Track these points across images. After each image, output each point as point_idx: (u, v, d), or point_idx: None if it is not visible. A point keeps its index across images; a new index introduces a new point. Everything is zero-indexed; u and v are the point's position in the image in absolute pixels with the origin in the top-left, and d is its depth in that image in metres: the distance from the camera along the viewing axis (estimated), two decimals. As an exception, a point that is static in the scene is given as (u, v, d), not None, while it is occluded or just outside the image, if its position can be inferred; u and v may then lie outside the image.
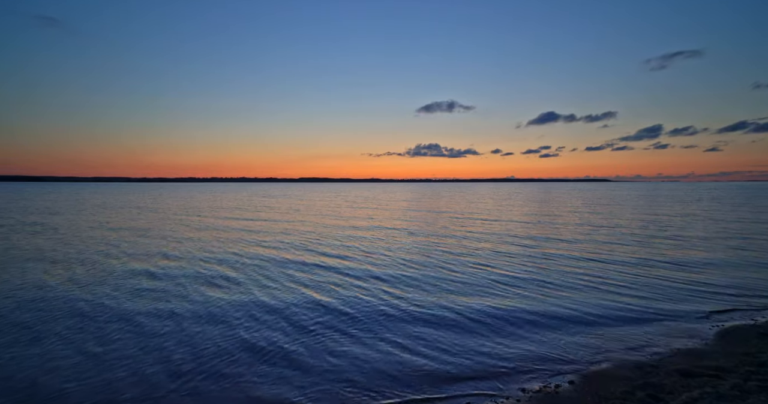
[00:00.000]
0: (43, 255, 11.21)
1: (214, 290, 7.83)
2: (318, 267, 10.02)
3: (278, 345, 5.31)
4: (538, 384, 4.34)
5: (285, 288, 8.05)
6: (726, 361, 4.75)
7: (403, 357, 4.99)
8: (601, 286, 8.15)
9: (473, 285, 8.31)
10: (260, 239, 14.57)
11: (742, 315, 6.52)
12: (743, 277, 8.88)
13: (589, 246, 13.11)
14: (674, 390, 4.06)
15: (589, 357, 5.00)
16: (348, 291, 7.86)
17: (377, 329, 5.89)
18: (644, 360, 4.89)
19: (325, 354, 5.06)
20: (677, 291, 7.80)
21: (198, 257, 11.11)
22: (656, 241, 13.99)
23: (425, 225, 19.50)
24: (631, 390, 4.14)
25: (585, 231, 16.93)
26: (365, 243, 13.65)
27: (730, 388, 4.01)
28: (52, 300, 7.04)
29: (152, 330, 5.75)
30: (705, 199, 44.30)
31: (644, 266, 10.04)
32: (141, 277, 8.80)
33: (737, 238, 14.60)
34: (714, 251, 12.07)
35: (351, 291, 7.86)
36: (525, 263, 10.46)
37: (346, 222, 21.15)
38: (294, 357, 4.97)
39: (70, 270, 9.33)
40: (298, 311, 6.64)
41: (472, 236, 15.54)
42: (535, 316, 6.40)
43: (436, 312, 6.57)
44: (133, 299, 7.19)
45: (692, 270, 9.52)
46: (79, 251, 11.84)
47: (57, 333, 5.62)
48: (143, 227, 17.96)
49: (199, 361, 4.81)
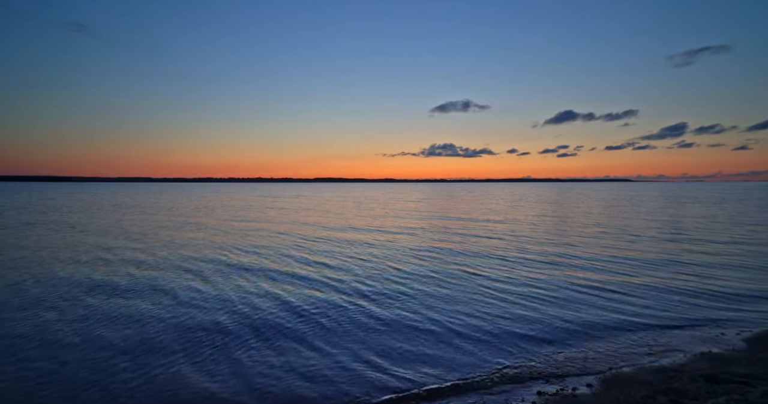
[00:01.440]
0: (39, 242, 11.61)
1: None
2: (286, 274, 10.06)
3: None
4: (554, 388, 4.24)
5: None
6: (755, 368, 4.54)
7: (414, 359, 4.96)
8: (620, 290, 7.91)
9: (471, 292, 8.19)
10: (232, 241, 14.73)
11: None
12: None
13: (604, 249, 12.77)
14: (699, 396, 3.91)
15: (608, 361, 4.86)
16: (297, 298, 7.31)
17: (339, 339, 5.64)
18: (667, 365, 4.72)
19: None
20: (700, 296, 7.51)
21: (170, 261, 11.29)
22: (677, 245, 13.53)
23: (421, 230, 19.36)
24: (652, 394, 4.00)
25: (597, 233, 16.51)
26: (346, 250, 13.61)
27: (760, 396, 3.83)
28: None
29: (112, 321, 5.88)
30: (731, 199, 42.62)
31: (665, 270, 9.71)
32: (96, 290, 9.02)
33: (762, 243, 13.98)
34: (738, 255, 11.59)
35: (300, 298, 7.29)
36: (541, 267, 10.27)
37: (336, 222, 21.20)
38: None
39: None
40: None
41: (476, 239, 15.34)
42: (553, 320, 6.26)
43: (435, 318, 6.51)
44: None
45: (715, 275, 9.16)
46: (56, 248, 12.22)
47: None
48: (137, 231, 18.39)
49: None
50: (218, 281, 8.40)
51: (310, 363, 4.75)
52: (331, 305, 6.86)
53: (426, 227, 18.59)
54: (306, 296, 7.37)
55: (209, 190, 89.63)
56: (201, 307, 6.70)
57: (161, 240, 13.93)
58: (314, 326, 5.93)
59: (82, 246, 12.52)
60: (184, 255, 11.26)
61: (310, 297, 7.28)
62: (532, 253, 11.67)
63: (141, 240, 13.90)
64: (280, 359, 4.85)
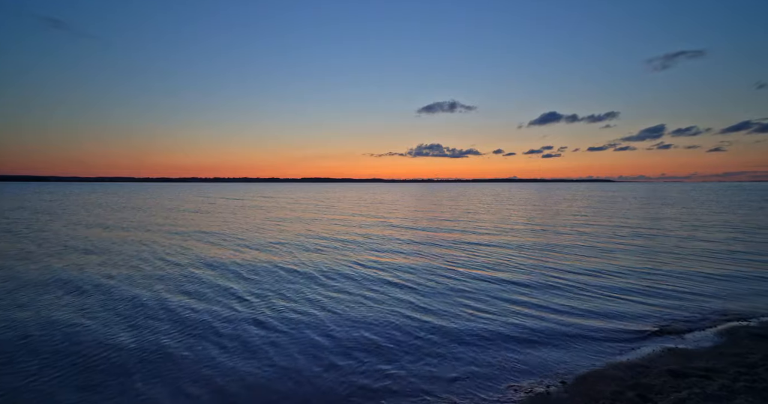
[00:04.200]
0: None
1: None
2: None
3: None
4: (530, 386, 4.41)
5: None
6: (716, 362, 4.81)
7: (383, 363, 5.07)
8: (590, 288, 8.21)
9: (450, 287, 8.38)
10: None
11: (735, 315, 6.59)
12: (735, 279, 8.95)
13: (579, 248, 13.17)
14: (663, 391, 4.13)
15: (581, 358, 5.08)
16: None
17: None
18: (635, 361, 4.96)
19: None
20: (668, 293, 7.87)
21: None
22: (647, 244, 14.06)
23: (381, 228, 19.54)
24: (621, 390, 4.22)
25: (574, 232, 16.99)
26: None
27: (718, 389, 4.08)
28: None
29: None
30: (702, 200, 44.29)
31: (634, 268, 10.10)
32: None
33: (732, 240, 14.66)
34: (704, 254, 12.13)
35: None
36: (515, 265, 10.53)
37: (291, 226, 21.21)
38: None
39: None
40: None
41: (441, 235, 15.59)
42: (526, 319, 6.47)
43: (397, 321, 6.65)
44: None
45: (680, 274, 9.59)
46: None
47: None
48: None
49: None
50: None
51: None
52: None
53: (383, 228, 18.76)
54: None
55: (188, 190, 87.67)
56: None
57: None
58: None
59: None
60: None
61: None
62: (509, 252, 11.96)
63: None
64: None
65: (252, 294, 7.74)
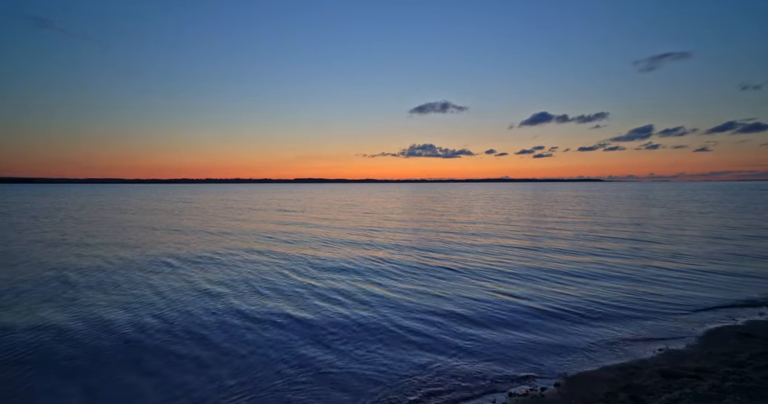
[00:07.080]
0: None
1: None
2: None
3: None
4: (524, 388, 4.43)
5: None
6: (706, 362, 4.89)
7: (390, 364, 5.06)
8: (582, 288, 8.30)
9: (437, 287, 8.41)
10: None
11: (723, 314, 6.71)
12: (721, 278, 9.13)
13: (570, 246, 13.31)
14: (655, 392, 4.19)
15: (575, 360, 5.12)
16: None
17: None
18: (628, 362, 5.02)
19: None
20: (656, 294, 7.99)
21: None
22: (637, 242, 14.26)
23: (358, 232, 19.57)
24: (614, 391, 4.26)
25: (563, 229, 17.17)
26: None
27: (708, 389, 4.15)
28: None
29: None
30: (688, 199, 45.15)
31: (622, 269, 10.24)
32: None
33: (721, 239, 14.95)
34: (697, 250, 12.35)
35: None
36: (504, 262, 10.60)
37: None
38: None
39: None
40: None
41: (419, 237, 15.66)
42: (516, 321, 6.51)
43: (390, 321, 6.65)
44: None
45: (674, 271, 9.75)
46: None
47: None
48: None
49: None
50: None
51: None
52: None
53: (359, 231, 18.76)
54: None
55: (159, 192, 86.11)
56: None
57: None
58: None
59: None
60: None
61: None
62: (498, 250, 12.04)
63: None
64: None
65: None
